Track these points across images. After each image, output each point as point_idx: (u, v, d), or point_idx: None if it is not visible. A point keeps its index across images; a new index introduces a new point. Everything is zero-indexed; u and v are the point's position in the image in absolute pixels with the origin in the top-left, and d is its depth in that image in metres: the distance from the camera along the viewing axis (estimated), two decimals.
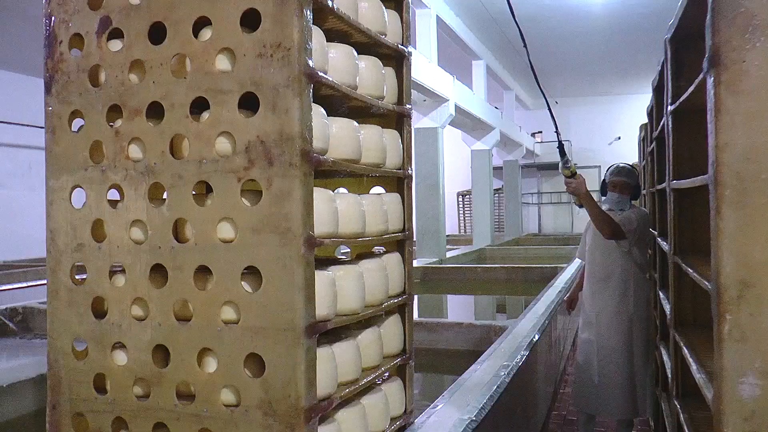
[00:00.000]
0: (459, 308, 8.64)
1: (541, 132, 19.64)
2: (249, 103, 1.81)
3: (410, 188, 2.48)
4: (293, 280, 1.75)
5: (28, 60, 10.79)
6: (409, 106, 2.49)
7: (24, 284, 7.56)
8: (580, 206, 3.76)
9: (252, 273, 1.84)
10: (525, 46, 3.61)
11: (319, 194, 1.90)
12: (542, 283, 7.01)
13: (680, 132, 2.58)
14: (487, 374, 3.06)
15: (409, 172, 2.47)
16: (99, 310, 2.04)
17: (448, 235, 12.49)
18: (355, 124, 2.14)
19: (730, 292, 1.51)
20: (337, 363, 1.97)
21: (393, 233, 2.36)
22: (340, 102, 2.18)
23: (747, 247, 1.50)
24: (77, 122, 2.09)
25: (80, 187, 2.06)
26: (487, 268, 9.59)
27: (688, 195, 2.57)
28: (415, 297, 2.57)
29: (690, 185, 2.07)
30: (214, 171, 1.84)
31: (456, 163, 18.22)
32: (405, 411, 2.40)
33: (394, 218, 2.36)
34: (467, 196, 20.26)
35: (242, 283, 1.82)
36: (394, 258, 2.39)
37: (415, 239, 9.86)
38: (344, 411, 2.05)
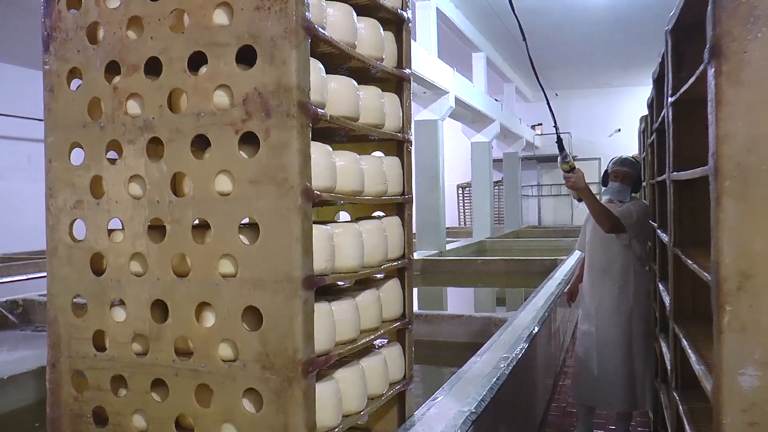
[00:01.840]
0: (459, 300, 8.65)
1: (541, 124, 19.60)
2: (247, 57, 1.81)
3: (410, 152, 2.47)
4: (291, 231, 1.76)
5: (27, 52, 10.75)
6: (409, 71, 2.47)
7: (24, 276, 7.56)
8: (579, 200, 3.76)
9: (250, 228, 1.85)
10: (524, 39, 3.60)
11: (317, 148, 1.91)
12: (542, 276, 7.01)
13: (681, 123, 2.58)
14: (486, 366, 3.07)
15: (409, 136, 2.46)
16: (98, 267, 2.06)
17: (447, 228, 12.48)
18: (355, 82, 2.14)
19: (730, 283, 1.51)
20: (335, 320, 1.97)
21: (392, 196, 2.36)
22: (339, 62, 2.18)
23: (747, 238, 1.50)
24: (76, 81, 2.10)
25: (79, 143, 2.07)
26: (486, 261, 9.58)
27: (688, 186, 2.57)
28: (415, 289, 2.57)
29: (690, 176, 2.07)
30: (212, 124, 1.85)
31: (456, 155, 18.19)
32: (404, 376, 2.41)
33: (393, 181, 2.36)
34: (467, 189, 20.25)
35: (240, 235, 1.82)
36: (393, 221, 2.39)
37: (414, 231, 9.87)
38: (343, 370, 2.07)
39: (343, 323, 2.02)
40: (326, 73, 2.00)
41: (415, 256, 9.02)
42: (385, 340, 2.44)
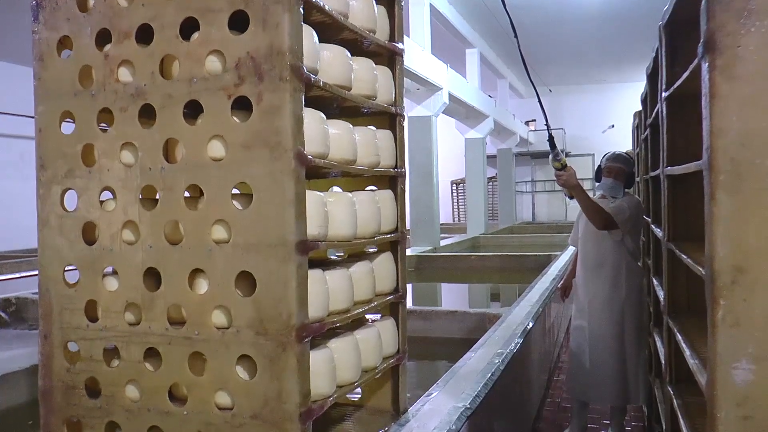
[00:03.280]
0: (453, 296, 8.65)
1: (534, 120, 19.62)
2: (239, 22, 1.81)
3: (402, 127, 2.47)
4: (284, 195, 1.75)
5: (18, 49, 10.69)
6: (401, 46, 2.47)
7: (17, 275, 7.52)
8: (571, 198, 3.77)
9: (243, 195, 1.85)
10: (516, 36, 3.59)
11: (310, 114, 1.90)
12: (536, 271, 7.02)
13: (674, 118, 2.58)
14: (481, 362, 3.07)
15: (401, 110, 2.47)
16: (90, 236, 2.05)
17: (442, 224, 12.47)
18: (347, 52, 2.14)
19: (724, 277, 1.51)
20: (328, 288, 1.97)
21: (385, 168, 2.37)
22: (331, 33, 2.17)
23: (741, 232, 1.50)
24: (66, 51, 2.09)
25: (70, 112, 2.06)
26: (481, 257, 9.59)
27: (682, 181, 2.57)
28: (409, 285, 2.58)
29: (684, 171, 2.07)
30: (205, 89, 1.84)
31: (450, 151, 18.19)
32: (398, 351, 2.42)
33: (386, 154, 2.36)
34: (461, 185, 20.26)
35: (233, 201, 1.82)
36: (386, 194, 2.40)
37: (408, 227, 9.87)
38: (337, 340, 2.07)
39: (336, 292, 2.02)
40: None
41: (409, 252, 9.03)
42: (379, 316, 2.45)
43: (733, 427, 1.52)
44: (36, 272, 2.18)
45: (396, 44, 2.44)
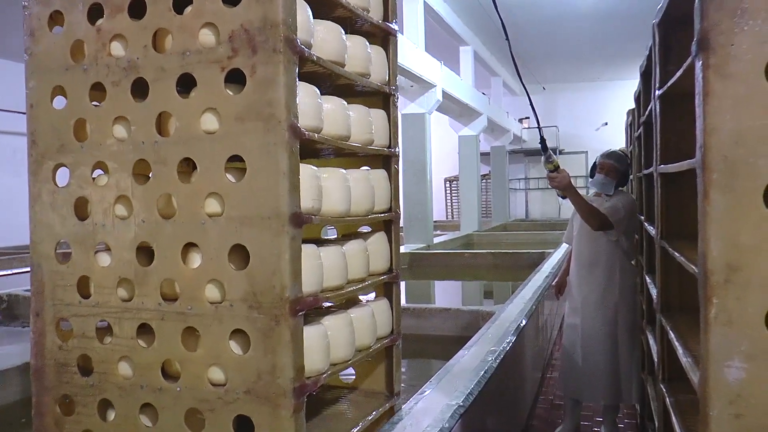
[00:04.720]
0: (446, 294, 8.66)
1: (528, 118, 19.65)
2: None
3: (396, 107, 2.48)
4: (278, 167, 1.75)
5: (9, 45, 10.64)
6: (395, 27, 2.47)
7: (8, 271, 7.49)
8: (564, 198, 3.77)
9: (236, 168, 1.84)
10: (507, 39, 3.58)
11: (304, 88, 1.90)
12: (529, 269, 7.02)
13: (668, 117, 2.58)
14: (474, 360, 3.07)
15: (395, 90, 2.47)
16: (82, 212, 2.04)
17: (435, 221, 12.49)
18: (341, 29, 2.14)
19: (717, 276, 1.51)
20: (322, 264, 1.96)
21: (378, 147, 2.37)
22: (324, 11, 2.17)
23: (734, 231, 1.50)
24: (57, 26, 2.08)
25: (61, 87, 2.04)
26: (474, 254, 9.60)
27: (676, 179, 2.57)
28: (402, 283, 2.58)
29: (677, 169, 2.07)
30: (198, 62, 1.84)
31: (443, 148, 18.21)
32: (392, 332, 2.42)
33: (379, 133, 2.36)
34: (454, 182, 20.27)
35: (226, 174, 1.82)
36: (380, 173, 2.40)
37: (402, 224, 9.87)
38: (331, 317, 2.07)
39: (330, 269, 2.02)
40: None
41: (402, 249, 9.03)
42: (373, 296, 2.46)
43: (726, 425, 1.52)
44: (28, 269, 2.17)
45: (389, 24, 2.44)
